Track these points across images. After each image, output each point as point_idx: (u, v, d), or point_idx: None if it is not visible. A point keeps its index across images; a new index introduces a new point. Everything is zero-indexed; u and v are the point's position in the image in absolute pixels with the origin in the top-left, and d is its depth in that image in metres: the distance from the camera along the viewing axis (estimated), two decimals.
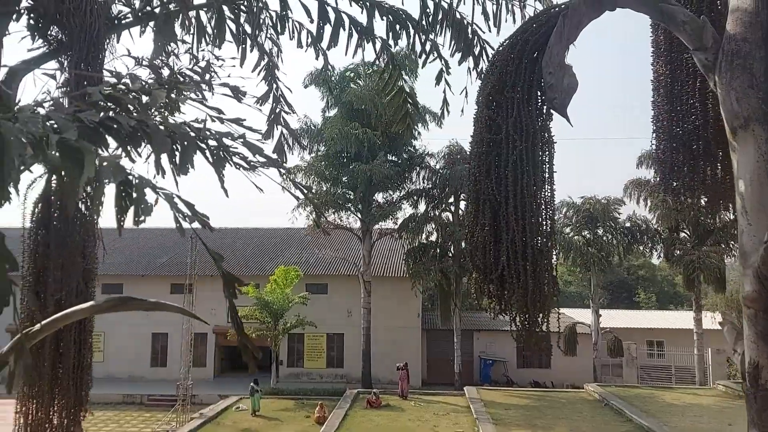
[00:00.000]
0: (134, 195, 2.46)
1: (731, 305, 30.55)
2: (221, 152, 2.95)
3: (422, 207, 31.62)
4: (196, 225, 2.78)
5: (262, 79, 6.18)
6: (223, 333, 31.01)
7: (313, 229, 30.67)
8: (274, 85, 6.19)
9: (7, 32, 4.58)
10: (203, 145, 2.86)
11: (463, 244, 29.88)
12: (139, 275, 32.39)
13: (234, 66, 6.27)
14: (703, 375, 30.63)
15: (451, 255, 30.81)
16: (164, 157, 2.87)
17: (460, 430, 20.80)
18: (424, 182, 31.67)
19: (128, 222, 2.74)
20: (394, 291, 32.81)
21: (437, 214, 31.11)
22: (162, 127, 2.75)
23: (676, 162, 4.32)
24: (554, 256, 4.11)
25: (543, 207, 4.04)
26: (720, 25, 3.83)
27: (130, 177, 2.51)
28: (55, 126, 2.74)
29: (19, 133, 2.45)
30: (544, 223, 4.04)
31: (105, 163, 2.43)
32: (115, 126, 2.65)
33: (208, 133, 3.11)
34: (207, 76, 6.58)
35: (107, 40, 4.68)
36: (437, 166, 31.56)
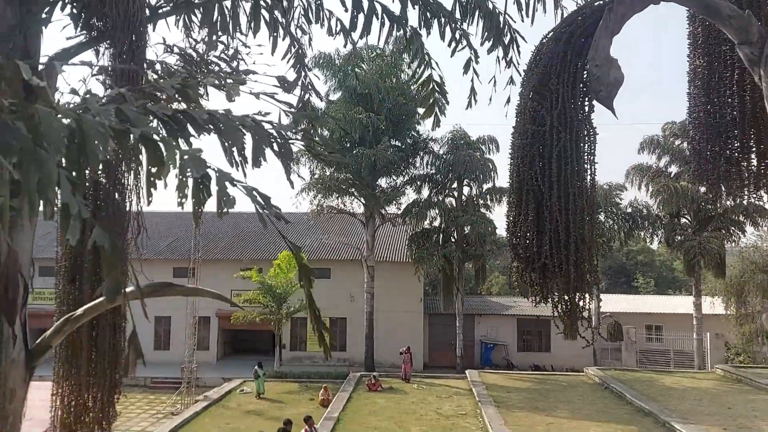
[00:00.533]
0: (217, 188, 2.53)
1: (730, 290, 30.85)
2: (287, 144, 3.01)
3: (426, 192, 31.72)
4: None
5: (290, 67, 6.23)
6: (226, 317, 31.18)
7: (317, 213, 30.76)
8: (303, 73, 6.23)
9: (50, 21, 4.61)
10: (271, 139, 2.92)
11: (466, 229, 30.05)
12: (142, 259, 32.34)
13: (261, 53, 6.29)
14: (702, 359, 31.00)
15: (454, 240, 30.97)
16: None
17: (463, 412, 21.09)
18: (427, 167, 31.74)
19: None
20: (397, 276, 33.00)
21: (441, 199, 31.21)
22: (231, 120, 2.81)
23: (712, 153, 4.41)
24: (595, 246, 4.20)
25: (585, 198, 4.13)
26: (763, 20, 3.89)
27: (210, 170, 2.57)
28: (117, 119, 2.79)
29: (100, 126, 2.50)
30: (586, 213, 4.13)
31: (186, 157, 2.50)
32: (188, 119, 2.71)
33: (271, 124, 3.17)
34: (235, 64, 6.63)
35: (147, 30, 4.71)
36: (441, 152, 31.60)
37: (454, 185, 31.41)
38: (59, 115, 2.55)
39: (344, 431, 18.40)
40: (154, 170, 2.64)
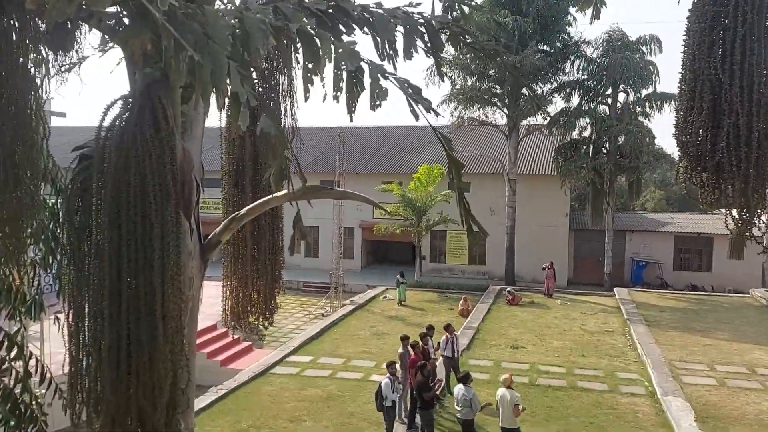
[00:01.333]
0: (370, 80, 2.50)
1: None
2: (437, 35, 2.90)
3: (575, 100, 29.85)
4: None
5: None
6: (369, 228, 32.52)
7: (457, 126, 30.32)
8: None
9: None
10: (422, 30, 2.81)
11: (620, 140, 28.10)
12: (292, 172, 34.32)
13: None
14: None
15: (605, 151, 29.18)
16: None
17: (610, 329, 20.59)
18: (578, 73, 29.65)
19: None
20: (541, 189, 32.05)
21: (592, 107, 29.23)
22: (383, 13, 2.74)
23: None
24: None
25: None
26: None
27: (363, 63, 2.55)
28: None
29: (260, 23, 2.55)
30: None
31: (341, 50, 2.49)
32: (342, 13, 2.69)
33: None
34: None
35: None
36: (594, 55, 29.29)
37: (608, 91, 29.17)
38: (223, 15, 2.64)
39: (484, 341, 18.82)
40: (310, 66, 2.68)
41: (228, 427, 12.39)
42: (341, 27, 2.93)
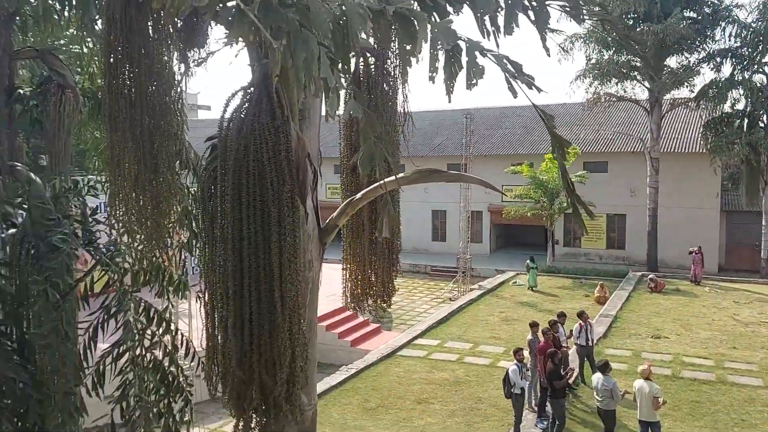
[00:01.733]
0: (467, 58, 2.42)
1: None
2: (543, 7, 2.73)
3: (727, 70, 27.00)
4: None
5: None
6: (498, 211, 31.89)
7: (593, 102, 28.71)
8: None
9: None
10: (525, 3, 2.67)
11: None
12: (417, 156, 34.53)
13: None
14: None
15: (762, 125, 26.22)
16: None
17: (767, 320, 18.62)
18: (730, 40, 26.76)
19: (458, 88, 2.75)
20: (687, 168, 29.49)
21: (746, 77, 26.30)
22: None
23: None
24: None
25: None
26: None
27: (460, 41, 2.47)
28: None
29: (359, 8, 2.56)
30: None
31: (437, 29, 2.43)
32: None
33: None
34: None
35: None
36: (749, 20, 26.30)
37: (766, 59, 26.12)
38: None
39: (623, 330, 17.83)
40: (408, 47, 2.65)
41: (357, 406, 12.85)
42: (446, 5, 2.86)
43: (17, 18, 7.35)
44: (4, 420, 5.95)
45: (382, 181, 5.24)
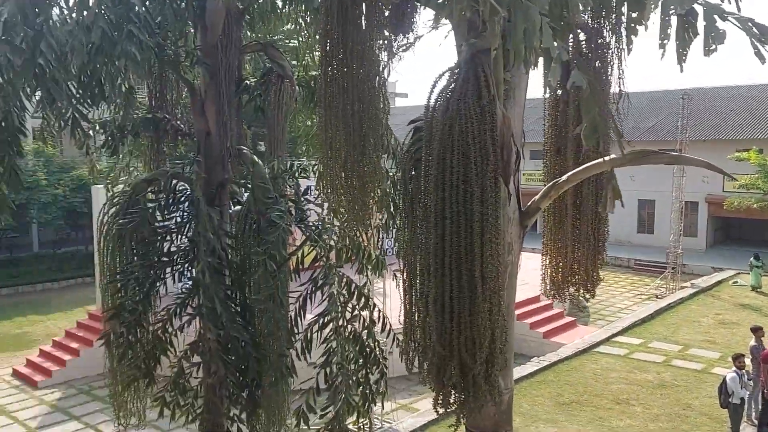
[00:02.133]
0: (704, 23, 2.15)
1: None
2: None
3: None
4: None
5: None
6: (718, 203, 28.57)
7: None
8: None
9: None
10: None
11: None
12: (625, 140, 31.97)
13: None
14: None
15: None
16: None
17: None
18: None
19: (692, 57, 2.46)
20: None
21: None
22: None
23: None
24: None
25: None
26: None
27: (696, 5, 2.20)
28: None
29: None
30: None
31: None
32: None
33: None
34: None
35: None
36: None
37: None
38: None
39: None
40: (634, 15, 2.43)
41: (549, 399, 12.45)
42: None
43: (246, 16, 8.19)
44: (230, 374, 6.78)
45: (591, 163, 4.94)
